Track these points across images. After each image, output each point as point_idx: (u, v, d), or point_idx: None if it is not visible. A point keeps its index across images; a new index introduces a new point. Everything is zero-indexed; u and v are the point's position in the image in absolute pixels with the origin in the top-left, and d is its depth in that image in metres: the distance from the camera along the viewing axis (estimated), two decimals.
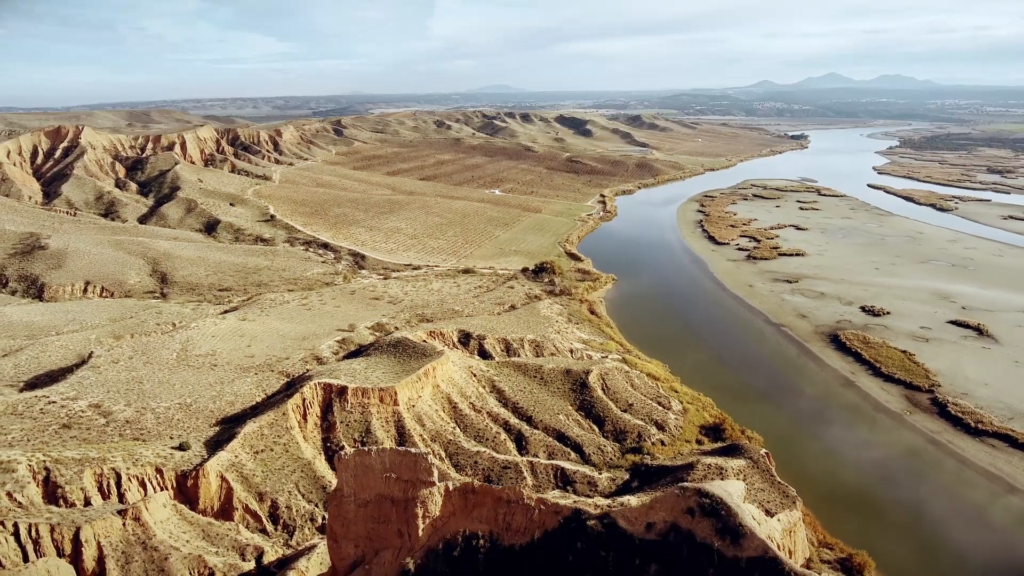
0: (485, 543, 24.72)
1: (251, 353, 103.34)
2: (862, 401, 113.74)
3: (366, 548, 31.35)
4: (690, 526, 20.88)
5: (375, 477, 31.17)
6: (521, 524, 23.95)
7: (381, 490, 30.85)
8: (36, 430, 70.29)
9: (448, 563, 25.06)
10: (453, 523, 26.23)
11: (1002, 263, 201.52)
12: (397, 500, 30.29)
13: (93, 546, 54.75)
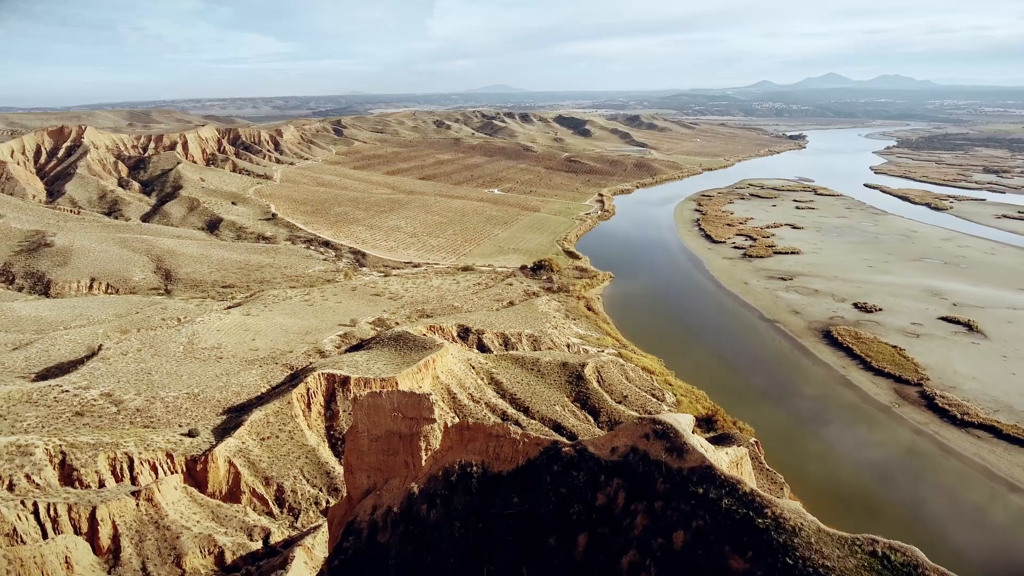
0: (478, 470, 28.01)
1: (255, 347, 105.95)
2: (852, 394, 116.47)
3: (377, 478, 34.50)
4: (646, 447, 23.99)
5: (385, 415, 34.58)
6: (508, 454, 27.31)
7: (390, 427, 34.26)
8: (50, 417, 72.94)
9: (447, 486, 28.20)
10: (451, 454, 29.52)
11: (994, 261, 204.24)
12: (403, 435, 33.81)
13: (108, 525, 57.35)
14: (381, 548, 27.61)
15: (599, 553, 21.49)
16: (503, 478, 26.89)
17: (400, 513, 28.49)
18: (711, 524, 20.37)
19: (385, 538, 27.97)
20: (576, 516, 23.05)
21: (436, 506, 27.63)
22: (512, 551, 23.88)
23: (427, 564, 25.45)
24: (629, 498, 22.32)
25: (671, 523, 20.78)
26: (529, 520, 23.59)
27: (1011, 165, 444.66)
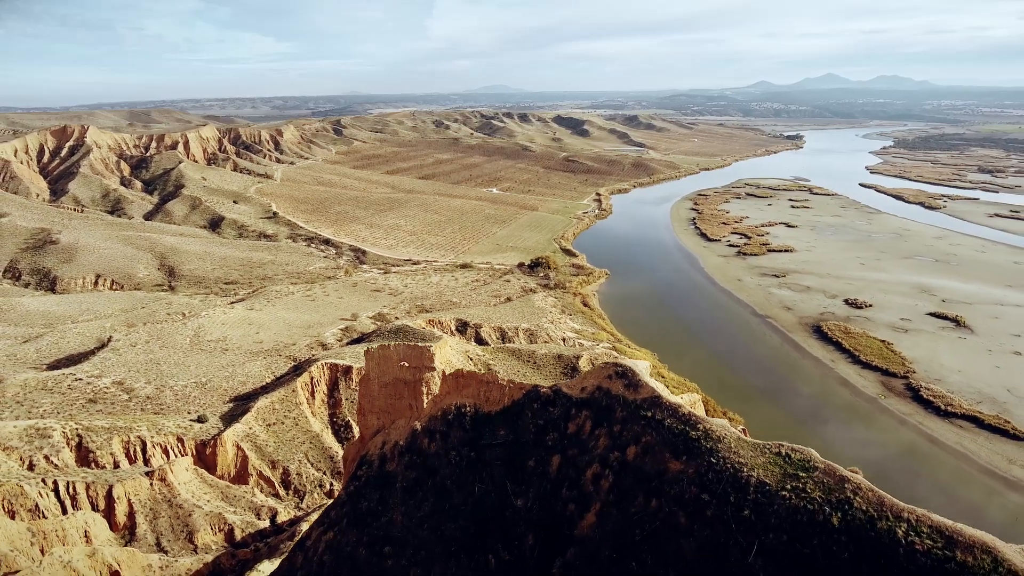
0: (471, 410, 31.83)
1: (259, 339, 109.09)
2: (840, 386, 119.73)
3: (385, 419, 38.20)
4: (608, 385, 27.72)
5: (392, 365, 38.40)
6: (496, 397, 31.15)
7: (396, 375, 38.06)
8: (65, 404, 76.06)
9: (445, 424, 31.92)
10: (448, 398, 33.31)
11: (984, 259, 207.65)
12: (408, 382, 37.69)
13: (124, 502, 60.47)
14: (389, 474, 31.26)
15: (569, 469, 25.78)
16: (492, 416, 30.92)
17: (405, 446, 32.17)
18: (656, 438, 24.56)
19: (393, 467, 31.62)
20: (551, 442, 27.19)
21: (436, 440, 31.39)
22: (499, 472, 27.86)
23: (428, 486, 29.16)
24: (594, 425, 26.48)
25: (626, 441, 24.98)
26: (513, 448, 27.74)
27: (1006, 165, 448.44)
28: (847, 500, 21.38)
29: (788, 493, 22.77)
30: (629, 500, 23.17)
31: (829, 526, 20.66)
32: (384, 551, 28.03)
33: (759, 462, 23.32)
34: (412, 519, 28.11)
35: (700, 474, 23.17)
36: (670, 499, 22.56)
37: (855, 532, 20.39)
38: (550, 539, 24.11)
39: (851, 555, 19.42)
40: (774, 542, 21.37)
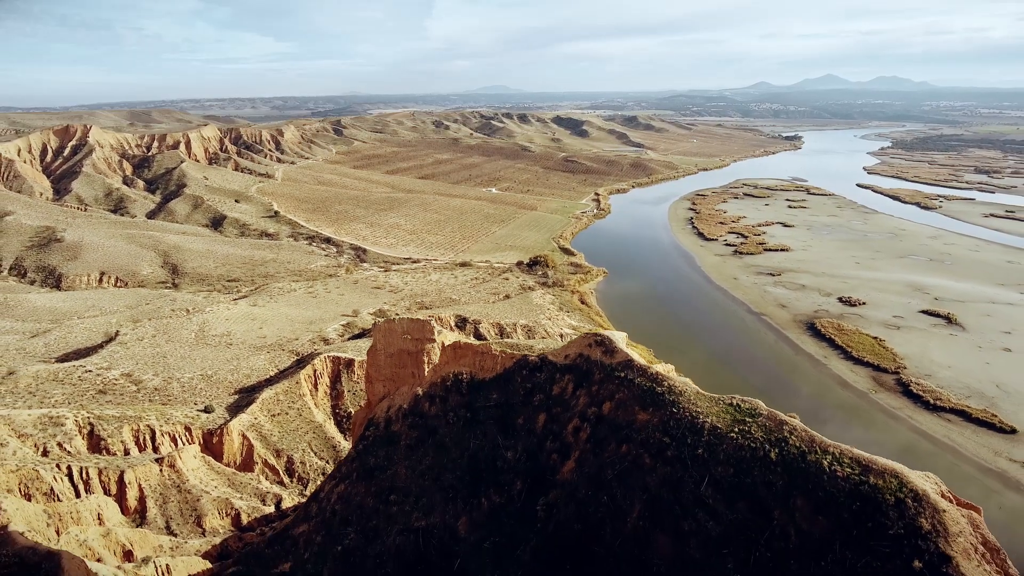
0: (467, 377, 34.53)
1: (263, 334, 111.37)
2: (831, 381, 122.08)
3: (390, 386, 40.78)
4: (588, 352, 30.48)
5: (397, 337, 41.02)
6: (490, 365, 33.83)
7: (401, 346, 40.63)
8: (76, 394, 78.33)
9: (444, 389, 34.62)
10: (447, 367, 36.02)
11: (978, 258, 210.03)
12: (411, 352, 40.31)
13: (135, 487, 62.73)
14: (394, 434, 33.87)
15: (553, 425, 28.71)
16: (486, 382, 33.78)
17: (408, 409, 34.81)
18: (628, 394, 27.66)
19: (397, 427, 34.21)
20: (538, 402, 30.08)
21: (435, 403, 34.18)
22: (491, 430, 30.74)
23: (428, 443, 31.92)
24: (576, 387, 29.48)
25: (602, 398, 27.98)
26: (504, 409, 30.51)
27: (1002, 166, 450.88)
28: (784, 439, 24.68)
29: (736, 435, 25.90)
30: (603, 447, 26.44)
31: (768, 460, 24.18)
32: (390, 499, 30.71)
33: (713, 411, 26.85)
34: (414, 472, 30.97)
35: (663, 422, 26.48)
36: (637, 444, 25.87)
37: (789, 464, 23.86)
38: (535, 484, 27.40)
39: (785, 483, 22.83)
40: (722, 474, 24.53)
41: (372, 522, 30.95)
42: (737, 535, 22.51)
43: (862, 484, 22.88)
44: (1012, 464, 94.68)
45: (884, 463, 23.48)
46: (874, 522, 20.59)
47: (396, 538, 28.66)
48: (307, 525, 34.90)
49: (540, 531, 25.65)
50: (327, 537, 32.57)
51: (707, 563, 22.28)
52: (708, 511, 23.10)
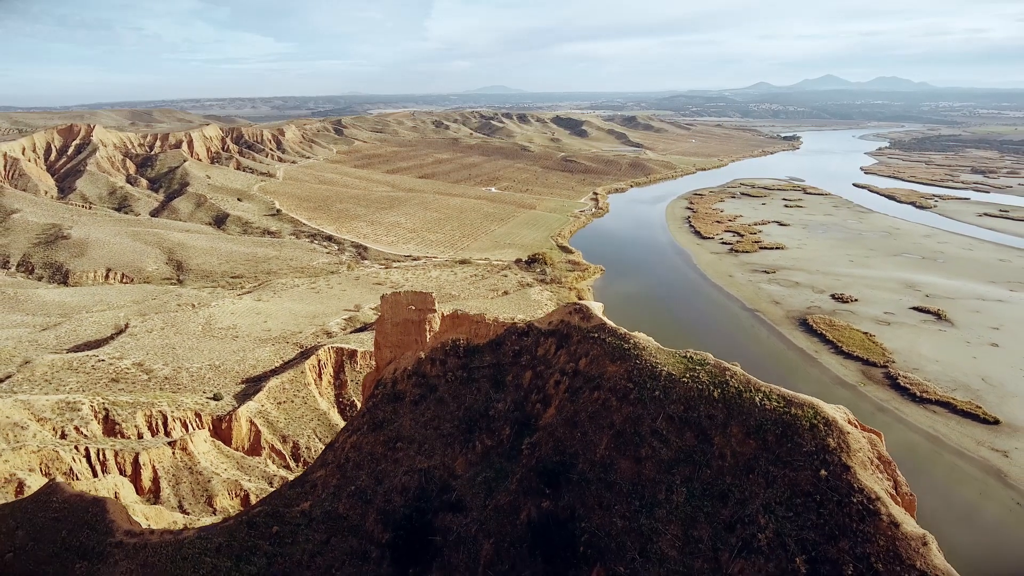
0: (464, 343, 38.37)
1: (267, 328, 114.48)
2: (821, 374, 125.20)
3: (396, 352, 44.46)
4: (569, 319, 34.34)
5: (403, 307, 44.54)
6: (484, 332, 37.48)
7: (405, 316, 44.21)
8: (90, 382, 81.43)
9: (443, 353, 38.45)
10: (446, 334, 39.78)
11: (970, 256, 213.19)
12: (415, 321, 43.91)
13: (149, 468, 65.81)
14: (400, 392, 37.49)
15: (538, 380, 32.74)
16: (480, 347, 37.81)
17: (412, 370, 38.44)
18: (600, 351, 31.80)
19: (402, 386, 37.85)
20: (525, 362, 34.11)
21: (436, 365, 38.02)
22: (484, 386, 34.88)
23: (430, 399, 35.76)
24: (557, 348, 33.76)
25: (579, 355, 32.07)
26: (495, 368, 34.30)
27: (999, 166, 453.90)
28: (725, 381, 28.85)
29: (687, 379, 30.46)
30: (579, 395, 30.43)
31: (712, 398, 28.64)
32: (396, 446, 34.36)
33: (670, 361, 31.33)
34: (418, 423, 34.48)
35: (628, 371, 30.70)
36: (606, 390, 29.81)
37: (728, 400, 28.14)
38: (521, 429, 31.49)
39: (724, 415, 27.17)
40: (674, 410, 29.20)
41: (381, 466, 34.45)
42: (685, 458, 27.38)
43: (785, 414, 27.17)
44: (993, 453, 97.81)
45: (804, 398, 28.11)
46: (792, 442, 25.25)
47: (402, 478, 32.32)
48: (324, 470, 38.20)
49: (524, 465, 29.96)
50: (342, 479, 35.95)
51: (660, 480, 27.00)
52: (662, 439, 27.71)
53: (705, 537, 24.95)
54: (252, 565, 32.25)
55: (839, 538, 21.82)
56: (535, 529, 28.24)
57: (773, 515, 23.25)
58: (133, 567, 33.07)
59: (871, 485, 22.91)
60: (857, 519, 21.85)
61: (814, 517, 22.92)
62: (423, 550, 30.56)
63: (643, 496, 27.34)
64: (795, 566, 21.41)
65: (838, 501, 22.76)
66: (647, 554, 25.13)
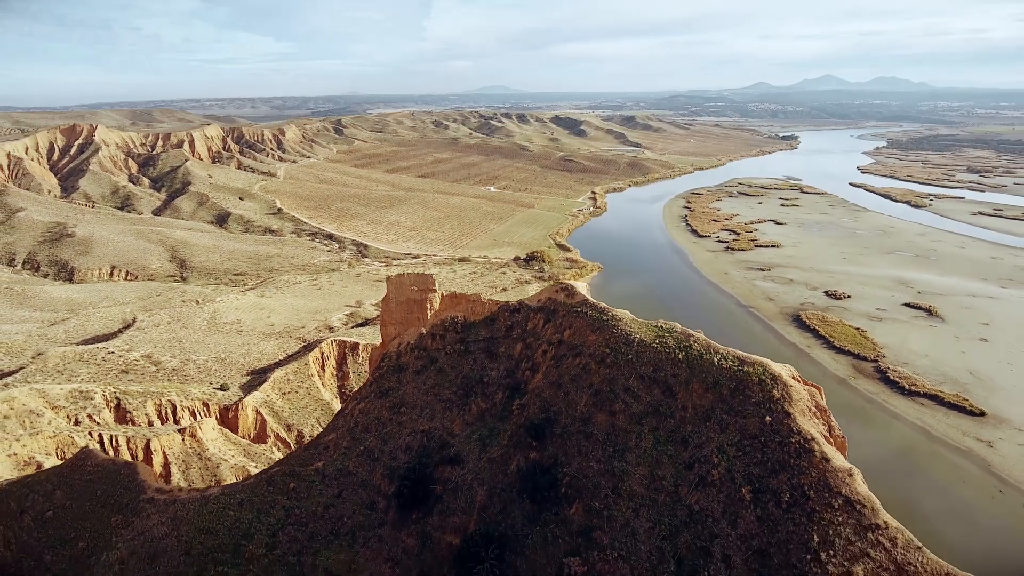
0: (462, 319, 41.67)
1: (271, 322, 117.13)
2: (813, 368, 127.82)
3: (400, 328, 47.72)
4: (556, 296, 37.91)
5: (406, 287, 47.54)
6: (479, 310, 40.69)
7: (408, 295, 47.31)
8: (100, 373, 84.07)
9: (443, 329, 41.72)
10: (445, 312, 43.16)
11: (963, 254, 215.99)
12: (417, 300, 46.99)
13: (160, 454, 68.41)
14: (403, 364, 40.62)
15: (527, 351, 36.13)
16: (476, 323, 41.26)
17: (414, 344, 41.60)
18: (582, 323, 35.69)
19: (406, 359, 41.02)
20: (516, 335, 37.61)
21: (436, 339, 41.27)
22: (480, 357, 38.52)
23: (430, 369, 39.06)
24: (545, 322, 37.55)
25: (564, 328, 35.92)
26: (490, 341, 37.69)
27: (995, 165, 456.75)
28: (689, 346, 32.44)
29: (656, 344, 34.20)
30: (563, 361, 33.93)
31: (677, 359, 32.37)
32: (401, 411, 37.48)
33: (643, 330, 35.13)
34: (419, 390, 37.63)
35: (606, 339, 34.44)
36: (587, 356, 33.42)
37: (692, 361, 31.71)
38: (512, 393, 34.84)
39: (687, 374, 30.63)
40: (644, 371, 32.96)
41: (387, 428, 37.47)
42: (652, 410, 31.00)
43: (738, 371, 30.89)
44: (978, 443, 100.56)
45: (755, 358, 31.76)
46: (743, 395, 28.69)
47: (406, 438, 35.41)
48: (335, 434, 40.99)
49: (514, 423, 33.44)
50: (351, 441, 38.85)
51: (631, 430, 30.45)
52: (633, 396, 31.25)
53: (668, 476, 28.28)
54: (271, 517, 35.25)
55: (779, 472, 25.78)
56: (523, 476, 31.60)
57: (725, 455, 27.34)
58: (164, 519, 35.93)
59: (808, 428, 26.59)
60: (794, 456, 25.77)
61: (759, 455, 26.98)
62: (425, 498, 33.77)
63: (616, 444, 31.26)
64: (742, 495, 25.38)
65: (779, 442, 26.58)
66: (619, 491, 28.44)
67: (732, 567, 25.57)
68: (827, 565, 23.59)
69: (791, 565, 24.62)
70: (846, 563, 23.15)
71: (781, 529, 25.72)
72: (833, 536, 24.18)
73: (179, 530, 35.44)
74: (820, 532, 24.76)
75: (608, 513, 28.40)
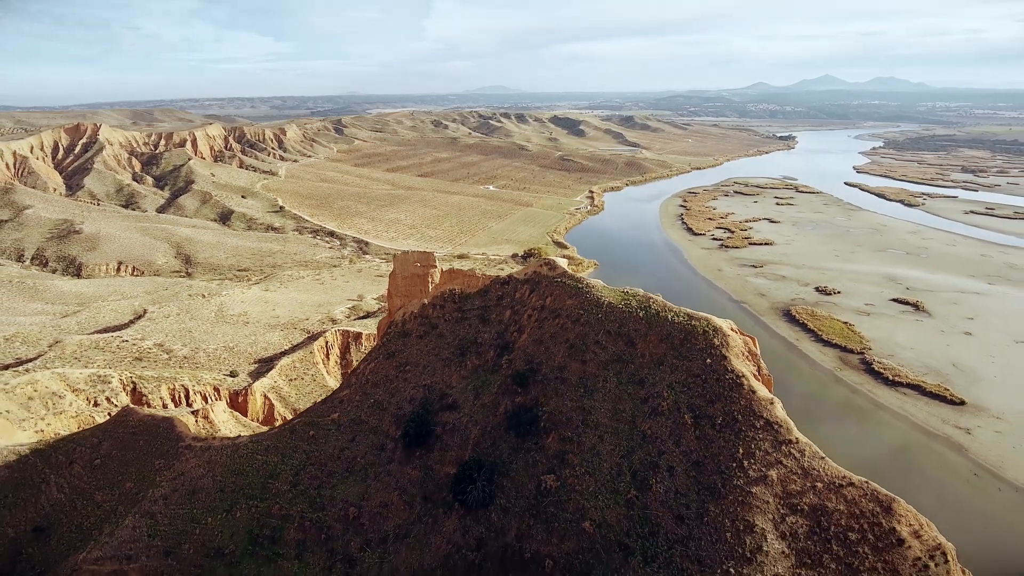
0: (459, 291, 46.51)
1: (276, 315, 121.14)
2: (801, 361, 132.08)
3: (404, 299, 52.68)
4: (540, 270, 43.02)
5: (410, 264, 52.09)
6: (475, 283, 45.23)
7: (412, 271, 51.87)
8: (116, 360, 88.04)
9: (442, 300, 46.36)
10: (445, 285, 47.77)
11: (952, 251, 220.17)
12: (419, 275, 51.54)
13: None
14: (408, 330, 45.41)
15: (515, 316, 41.07)
16: (472, 294, 46.31)
17: (417, 313, 46.28)
18: (561, 291, 41.29)
19: (410, 326, 45.68)
20: (506, 303, 42.73)
21: (436, 308, 46.08)
22: (474, 323, 43.38)
23: (431, 334, 44.13)
24: (530, 292, 42.29)
25: (546, 295, 41.39)
26: (483, 309, 42.67)
27: (989, 165, 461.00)
28: (649, 305, 37.82)
29: (622, 305, 39.63)
30: (544, 323, 39.06)
31: (638, 317, 37.98)
32: (405, 369, 42.21)
33: (611, 295, 40.67)
34: (422, 352, 42.32)
35: (580, 303, 40.37)
36: (564, 317, 38.84)
37: (650, 318, 36.98)
38: (502, 351, 40.05)
39: (646, 328, 35.68)
40: (611, 326, 38.60)
41: (393, 384, 42.00)
42: (616, 359, 36.35)
43: (687, 324, 36.65)
44: (957, 430, 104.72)
45: (702, 314, 37.77)
46: (690, 343, 34.11)
47: (410, 391, 40.04)
48: (348, 390, 45.32)
49: (503, 374, 38.10)
50: (363, 395, 43.30)
51: (599, 375, 35.68)
52: (601, 347, 36.70)
53: (627, 409, 33.76)
54: (294, 459, 39.67)
55: (715, 401, 31.32)
56: (510, 416, 36.74)
57: (673, 390, 32.86)
58: (200, 463, 40.13)
59: (740, 368, 31.71)
60: (728, 389, 31.07)
61: (700, 390, 32.67)
62: (426, 437, 38.54)
63: (586, 386, 37.07)
64: (685, 421, 30.48)
65: (716, 379, 31.78)
66: (587, 423, 34.05)
67: (675, 476, 30.74)
68: (748, 471, 28.89)
69: (720, 472, 30.08)
70: (763, 469, 28.50)
71: (714, 445, 31.37)
72: (755, 449, 29.78)
73: (214, 471, 39.75)
74: (744, 446, 30.53)
75: (578, 440, 33.81)
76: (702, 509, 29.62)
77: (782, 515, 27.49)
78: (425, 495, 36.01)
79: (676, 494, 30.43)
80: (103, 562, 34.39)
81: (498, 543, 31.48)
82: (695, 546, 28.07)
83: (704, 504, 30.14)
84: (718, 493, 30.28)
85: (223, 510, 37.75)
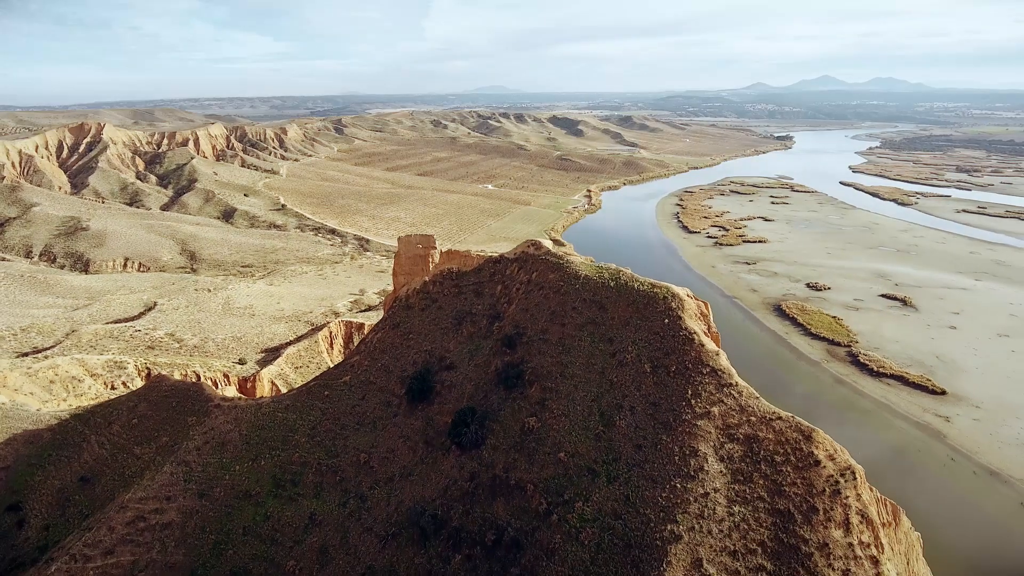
0: (457, 269, 50.99)
1: (281, 308, 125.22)
2: (789, 353, 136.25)
3: (408, 277, 57.68)
4: (528, 250, 48.01)
5: (413, 246, 56.45)
6: (471, 263, 50.18)
7: (415, 252, 56.34)
8: (129, 348, 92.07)
9: (442, 277, 51.13)
10: (444, 264, 52.59)
11: (942, 249, 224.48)
12: (421, 255, 55.99)
13: None
14: (411, 304, 50.26)
15: (505, 290, 45.68)
16: (468, 272, 50.86)
17: (419, 290, 51.02)
18: (545, 267, 46.53)
19: (412, 300, 50.45)
20: (497, 279, 47.66)
21: (436, 285, 50.94)
22: (470, 296, 48.39)
23: (432, 307, 48.69)
24: (519, 269, 46.53)
25: (532, 271, 46.32)
26: (477, 285, 47.29)
27: (984, 165, 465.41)
28: (619, 277, 42.80)
29: (596, 277, 44.57)
30: (530, 294, 43.75)
31: (609, 286, 43.85)
32: (409, 337, 47.14)
33: (588, 269, 46.00)
34: (424, 322, 46.97)
35: (561, 276, 45.92)
36: (547, 288, 43.82)
37: (620, 288, 42.31)
38: (493, 320, 45.14)
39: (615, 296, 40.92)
40: (586, 295, 44.13)
41: (398, 350, 46.68)
42: (590, 322, 42.15)
43: (650, 292, 41.95)
44: (937, 418, 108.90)
45: (665, 284, 42.12)
46: (651, 308, 39.68)
47: (413, 356, 44.78)
48: (358, 356, 49.70)
49: (494, 339, 42.99)
50: (371, 360, 47.80)
51: (575, 335, 41.15)
52: (578, 312, 42.32)
53: (598, 362, 39.08)
54: (311, 416, 44.12)
55: (671, 354, 36.94)
56: (499, 372, 41.75)
57: (636, 345, 38.16)
58: (228, 419, 44.42)
59: (692, 326, 37.06)
60: (681, 343, 36.71)
61: (658, 344, 38.35)
62: (427, 394, 43.38)
63: (564, 345, 42.47)
64: (645, 369, 34.96)
65: (672, 335, 37.38)
66: (565, 375, 39.29)
67: (635, 414, 36.07)
68: (695, 408, 34.81)
69: (672, 410, 35.81)
70: (708, 406, 34.17)
71: (668, 388, 37.44)
72: (701, 391, 35.87)
73: (240, 427, 44.07)
74: (692, 389, 36.64)
75: (556, 389, 39.08)
76: (656, 439, 34.90)
77: (721, 442, 32.95)
78: (426, 441, 40.93)
79: (636, 428, 35.62)
80: (146, 501, 38.80)
81: (488, 474, 36.27)
82: (649, 467, 33.39)
83: (658, 435, 35.58)
84: (670, 426, 35.92)
85: (249, 459, 42.73)
